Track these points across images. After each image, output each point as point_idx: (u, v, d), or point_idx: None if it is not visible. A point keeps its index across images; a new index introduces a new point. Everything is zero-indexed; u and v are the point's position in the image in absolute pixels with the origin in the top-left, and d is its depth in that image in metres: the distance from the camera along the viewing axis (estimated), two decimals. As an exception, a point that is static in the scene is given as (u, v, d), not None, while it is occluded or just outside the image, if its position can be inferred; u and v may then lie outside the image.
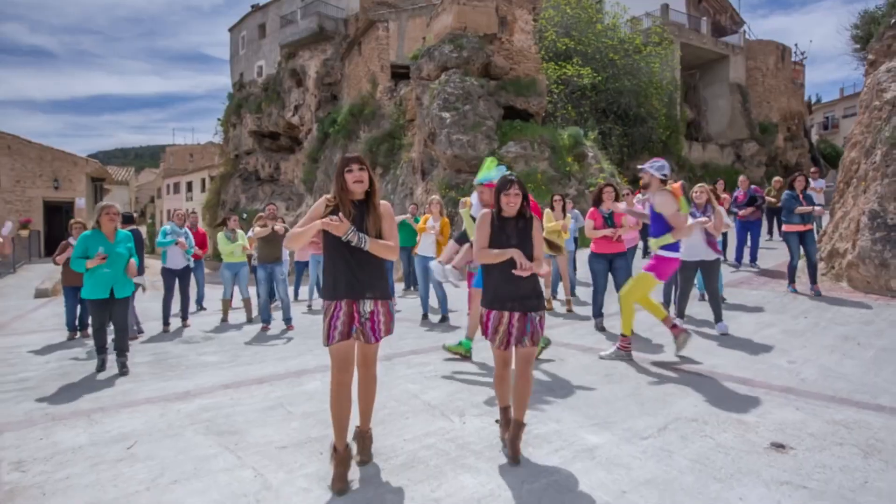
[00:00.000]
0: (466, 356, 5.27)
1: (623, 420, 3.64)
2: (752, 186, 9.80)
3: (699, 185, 6.47)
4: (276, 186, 34.43)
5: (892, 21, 8.71)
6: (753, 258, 9.52)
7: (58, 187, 21.23)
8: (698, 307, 7.18)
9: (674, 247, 4.99)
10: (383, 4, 29.05)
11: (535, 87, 17.42)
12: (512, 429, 3.11)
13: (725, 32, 32.17)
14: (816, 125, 40.27)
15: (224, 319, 8.29)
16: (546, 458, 3.12)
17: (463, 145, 14.76)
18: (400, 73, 22.70)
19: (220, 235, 8.24)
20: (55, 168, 21.13)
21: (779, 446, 3.17)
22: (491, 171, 4.40)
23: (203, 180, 51.09)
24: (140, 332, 7.43)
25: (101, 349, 5.37)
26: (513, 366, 3.19)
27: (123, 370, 5.24)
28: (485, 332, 3.21)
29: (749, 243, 9.55)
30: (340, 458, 2.85)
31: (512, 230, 3.16)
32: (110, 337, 5.66)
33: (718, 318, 6.00)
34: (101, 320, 5.30)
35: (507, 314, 3.11)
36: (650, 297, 5.05)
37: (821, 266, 8.46)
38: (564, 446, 3.23)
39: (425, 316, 7.57)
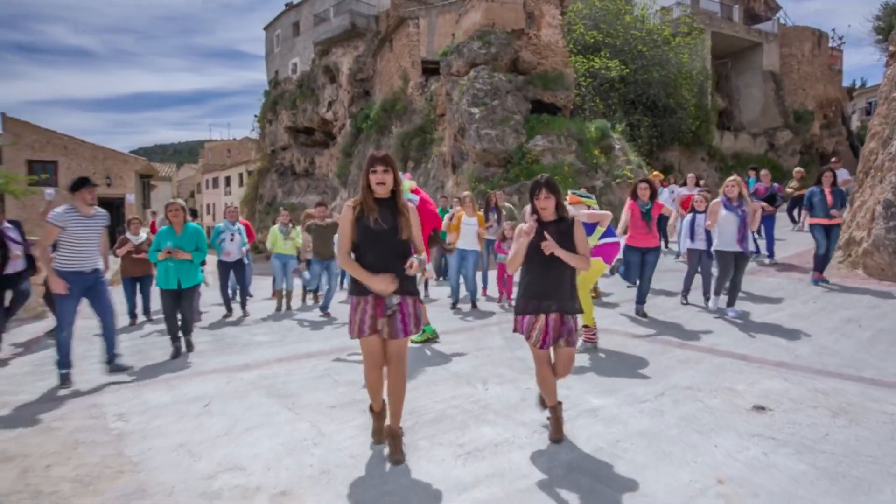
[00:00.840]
0: (434, 339, 5.84)
1: (626, 388, 4.15)
2: (775, 185, 9.97)
3: (731, 177, 6.59)
4: (311, 180, 35.42)
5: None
6: (770, 252, 9.59)
7: (110, 184, 22.51)
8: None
9: (609, 233, 5.27)
10: (413, 1, 29.59)
11: (562, 80, 17.73)
12: (553, 412, 3.29)
13: (759, 19, 31.63)
14: (858, 111, 39.19)
15: (279, 308, 8.88)
16: (555, 415, 3.66)
17: (491, 139, 15.24)
18: (430, 69, 23.21)
19: (274, 229, 8.87)
20: (107, 166, 22.41)
21: (759, 408, 3.64)
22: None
23: (241, 175, 52.65)
24: (199, 318, 8.17)
25: (174, 338, 5.82)
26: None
27: (189, 347, 5.95)
28: (520, 329, 3.30)
29: (763, 236, 9.73)
30: (377, 414, 3.29)
31: (552, 233, 3.21)
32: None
33: (731, 304, 6.36)
34: (171, 308, 5.77)
35: (542, 316, 3.20)
36: (590, 299, 5.33)
37: (838, 254, 8.70)
38: (570, 407, 3.76)
39: (455, 305, 7.92)
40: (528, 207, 3.35)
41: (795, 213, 11.60)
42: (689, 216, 7.34)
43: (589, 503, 2.56)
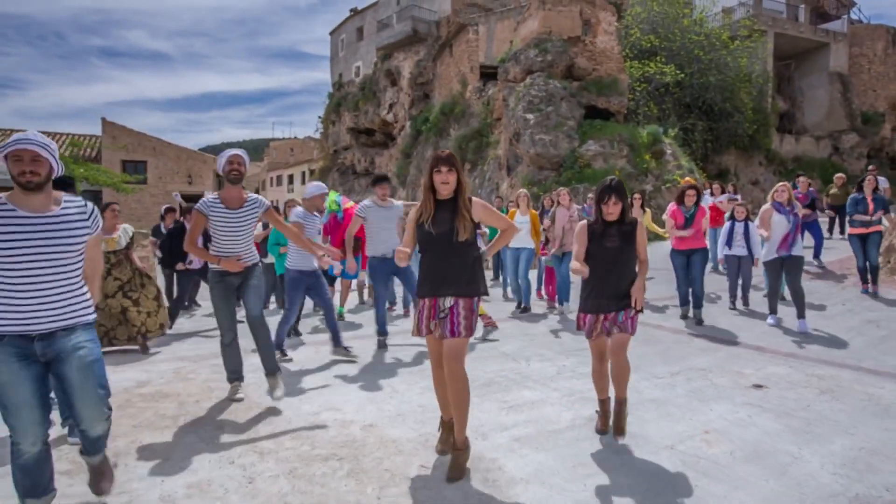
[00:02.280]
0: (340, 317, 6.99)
1: (647, 367, 4.91)
2: (811, 188, 10.17)
3: (780, 183, 6.73)
4: (370, 180, 36.91)
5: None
6: (817, 254, 9.66)
7: (191, 182, 24.56)
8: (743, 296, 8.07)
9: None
10: (473, 6, 30.47)
11: (616, 86, 18.21)
12: (616, 408, 3.38)
13: (829, 18, 30.72)
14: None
15: (361, 301, 9.21)
16: (582, 385, 4.47)
17: (545, 144, 15.95)
18: (488, 74, 24.06)
19: None
20: (189, 166, 24.46)
21: (758, 386, 4.34)
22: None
23: (303, 173, 54.98)
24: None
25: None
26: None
27: (297, 333, 6.80)
28: (582, 327, 3.48)
29: (813, 242, 9.74)
30: (445, 424, 3.22)
31: (615, 233, 3.34)
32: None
33: (800, 315, 6.13)
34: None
35: (602, 316, 3.36)
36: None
37: (880, 259, 8.99)
38: (598, 379, 4.56)
39: (520, 306, 7.87)
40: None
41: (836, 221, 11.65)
42: (727, 224, 7.71)
43: (599, 443, 3.38)
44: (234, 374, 4.34)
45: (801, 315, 6.10)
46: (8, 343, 2.24)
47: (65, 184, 3.75)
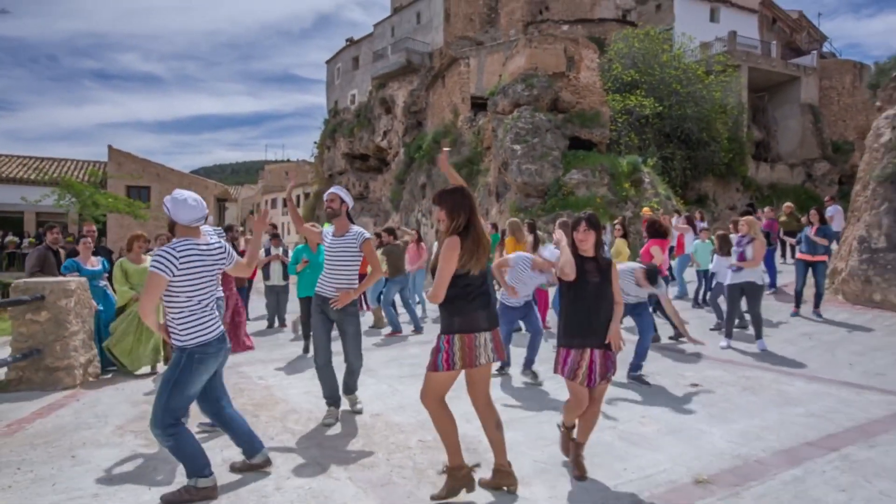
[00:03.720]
0: None
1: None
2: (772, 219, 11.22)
3: (746, 217, 7.37)
4: (365, 204, 37.94)
5: (894, 74, 10.19)
6: (773, 283, 10.51)
7: (192, 207, 25.43)
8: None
9: None
10: (465, 39, 31.94)
11: (598, 118, 19.43)
12: (574, 449, 3.40)
13: (801, 51, 32.46)
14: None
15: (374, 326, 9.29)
16: (550, 386, 5.39)
17: (531, 174, 17.05)
18: (479, 104, 25.28)
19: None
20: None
21: (694, 385, 5.30)
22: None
23: (298, 197, 55.97)
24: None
25: (306, 336, 7.08)
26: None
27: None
28: (561, 370, 3.38)
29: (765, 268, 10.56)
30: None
31: (593, 269, 3.38)
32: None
33: (758, 336, 6.73)
34: (308, 313, 6.70)
35: (587, 352, 3.30)
36: None
37: (826, 281, 10.04)
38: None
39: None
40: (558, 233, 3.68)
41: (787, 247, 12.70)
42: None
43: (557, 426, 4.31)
44: (331, 399, 4.49)
45: (758, 336, 6.70)
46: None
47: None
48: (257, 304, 11.30)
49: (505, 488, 3.09)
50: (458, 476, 3.00)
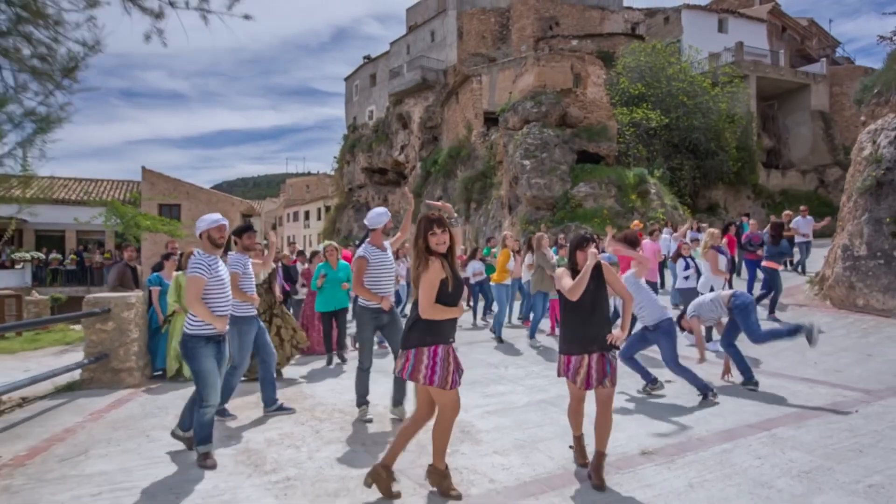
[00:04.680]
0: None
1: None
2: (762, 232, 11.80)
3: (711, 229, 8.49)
4: (384, 216, 38.97)
5: (876, 90, 10.80)
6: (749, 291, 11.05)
7: (220, 223, 26.68)
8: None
9: None
10: (478, 56, 32.95)
11: (605, 132, 20.17)
12: (595, 459, 3.55)
13: (811, 58, 32.77)
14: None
15: None
16: (543, 383, 6.17)
17: (540, 187, 17.85)
18: (491, 119, 26.17)
19: None
20: (219, 208, 26.61)
21: (668, 381, 6.03)
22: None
23: (319, 210, 57.29)
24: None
25: (329, 349, 7.60)
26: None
27: (343, 359, 7.98)
28: (565, 373, 3.67)
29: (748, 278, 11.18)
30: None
31: (595, 277, 3.62)
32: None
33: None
34: (329, 327, 7.50)
35: (587, 357, 3.56)
36: None
37: (815, 287, 10.65)
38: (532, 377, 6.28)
39: (500, 339, 8.86)
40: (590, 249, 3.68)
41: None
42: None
43: (542, 414, 5.09)
44: (363, 398, 5.02)
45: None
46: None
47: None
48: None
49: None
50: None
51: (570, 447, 3.93)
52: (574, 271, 3.68)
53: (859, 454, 3.82)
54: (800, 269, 13.12)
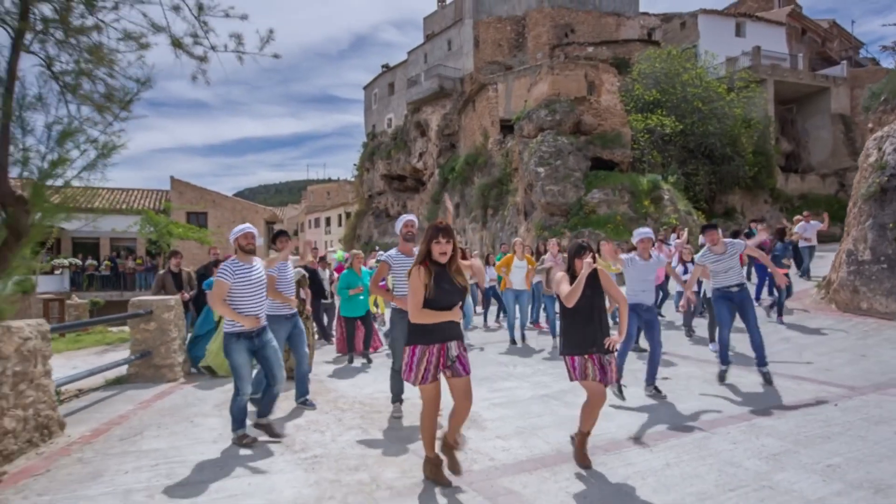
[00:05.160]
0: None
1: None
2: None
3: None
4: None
5: (883, 97, 11.04)
6: (758, 296, 11.25)
7: (245, 230, 27.58)
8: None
9: None
10: (494, 64, 33.48)
11: (619, 139, 20.50)
12: (580, 439, 3.92)
13: (833, 61, 32.61)
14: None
15: None
16: (548, 379, 6.63)
17: (554, 194, 18.26)
18: (508, 126, 26.64)
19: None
20: (243, 215, 27.54)
21: (665, 378, 6.44)
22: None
23: (339, 216, 58.25)
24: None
25: (350, 349, 8.14)
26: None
27: (369, 361, 8.48)
28: (573, 375, 3.90)
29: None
30: (433, 460, 3.71)
31: (590, 284, 3.85)
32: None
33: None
34: (352, 330, 8.04)
35: (587, 357, 3.81)
36: None
37: (822, 291, 10.91)
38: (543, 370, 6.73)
39: (513, 341, 9.33)
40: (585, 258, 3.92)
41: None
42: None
43: (543, 406, 5.55)
44: (397, 396, 5.34)
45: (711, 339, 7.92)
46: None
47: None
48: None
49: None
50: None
51: (571, 438, 4.13)
52: (573, 277, 3.94)
53: (827, 440, 4.22)
54: (806, 275, 13.31)
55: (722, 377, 6.11)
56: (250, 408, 4.88)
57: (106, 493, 3.54)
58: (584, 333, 3.85)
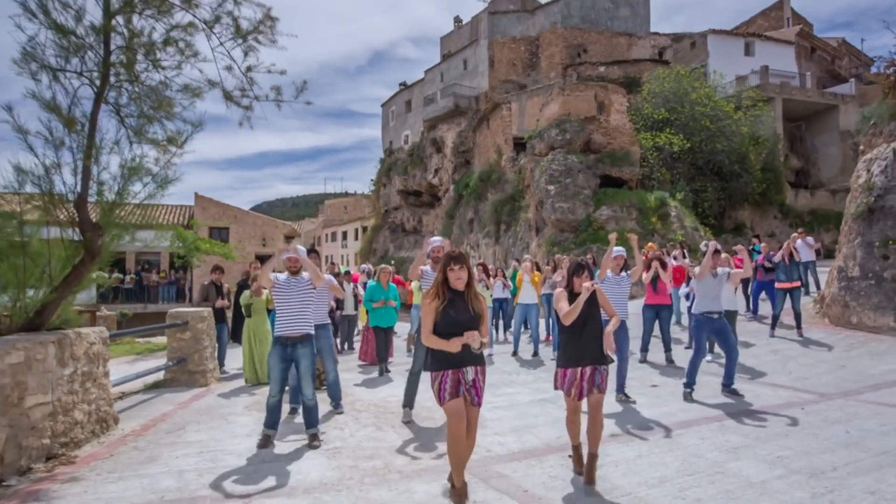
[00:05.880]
0: None
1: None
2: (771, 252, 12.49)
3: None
4: (418, 237, 40.40)
5: (872, 122, 11.55)
6: (755, 311, 11.66)
7: (264, 244, 28.55)
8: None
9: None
10: (508, 82, 34.33)
11: (628, 158, 21.09)
12: (588, 460, 3.91)
13: (842, 78, 32.93)
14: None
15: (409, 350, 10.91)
16: (546, 386, 7.23)
17: (564, 211, 18.88)
18: (521, 144, 27.36)
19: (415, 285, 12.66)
20: (263, 231, 28.54)
21: (654, 385, 7.02)
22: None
23: (356, 230, 59.20)
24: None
25: (382, 359, 8.58)
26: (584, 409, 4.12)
27: (387, 370, 9.05)
28: (561, 386, 4.05)
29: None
30: (459, 490, 3.56)
31: (587, 302, 3.99)
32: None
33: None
34: (381, 341, 8.52)
35: (580, 370, 3.96)
36: None
37: (816, 306, 11.37)
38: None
39: (515, 353, 10.00)
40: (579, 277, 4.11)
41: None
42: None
43: (539, 408, 6.16)
44: (409, 401, 5.73)
45: (710, 350, 8.56)
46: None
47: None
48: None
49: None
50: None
51: (569, 456, 4.25)
52: (571, 294, 4.12)
53: (783, 437, 4.78)
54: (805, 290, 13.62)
55: (686, 396, 6.35)
56: (298, 418, 5.53)
57: (162, 472, 4.24)
58: (576, 347, 4.00)
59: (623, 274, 6.60)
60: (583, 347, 3.98)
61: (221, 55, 4.76)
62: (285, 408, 5.90)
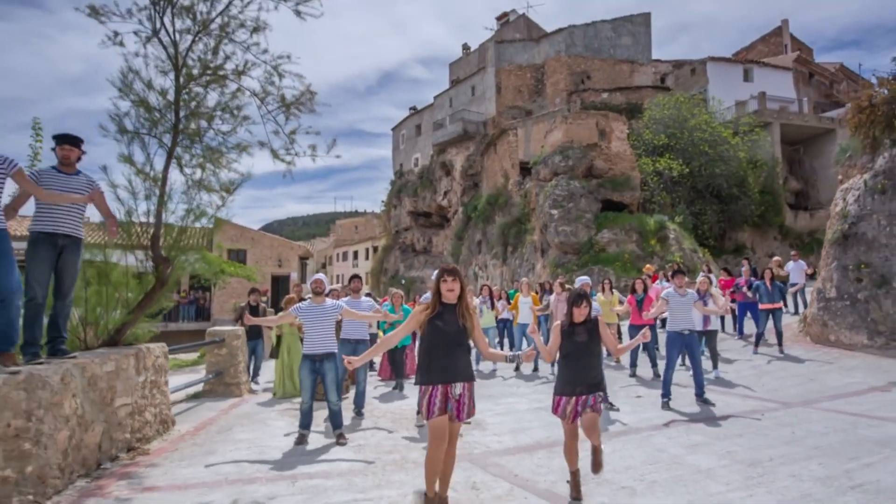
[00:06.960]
0: None
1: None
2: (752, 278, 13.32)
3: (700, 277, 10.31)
4: (428, 257, 41.49)
5: (848, 154, 12.46)
6: (740, 331, 12.46)
7: (280, 265, 29.66)
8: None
9: None
10: (515, 108, 35.57)
11: (629, 182, 22.07)
12: (592, 451, 4.19)
13: (840, 103, 33.83)
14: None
15: None
16: (543, 396, 8.12)
17: (567, 234, 19.84)
18: (527, 169, 28.43)
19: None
20: (279, 252, 29.67)
21: (638, 396, 7.88)
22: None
23: (367, 250, 60.34)
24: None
25: (399, 375, 9.38)
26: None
27: (401, 387, 9.99)
28: (555, 412, 4.20)
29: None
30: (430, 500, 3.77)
31: (582, 331, 4.15)
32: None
33: (715, 366, 9.02)
34: (394, 361, 9.56)
35: (574, 398, 4.09)
36: None
37: (800, 325, 12.17)
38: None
39: (517, 368, 10.63)
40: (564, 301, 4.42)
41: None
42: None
43: (535, 416, 7.05)
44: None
45: (715, 366, 9.15)
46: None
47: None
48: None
49: None
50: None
51: (567, 482, 4.24)
52: (571, 324, 4.21)
53: (738, 437, 5.65)
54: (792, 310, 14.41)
55: (664, 405, 7.09)
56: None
57: (222, 461, 5.19)
58: (573, 375, 4.13)
59: (689, 291, 7.46)
60: (579, 376, 4.10)
61: (267, 120, 5.83)
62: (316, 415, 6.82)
